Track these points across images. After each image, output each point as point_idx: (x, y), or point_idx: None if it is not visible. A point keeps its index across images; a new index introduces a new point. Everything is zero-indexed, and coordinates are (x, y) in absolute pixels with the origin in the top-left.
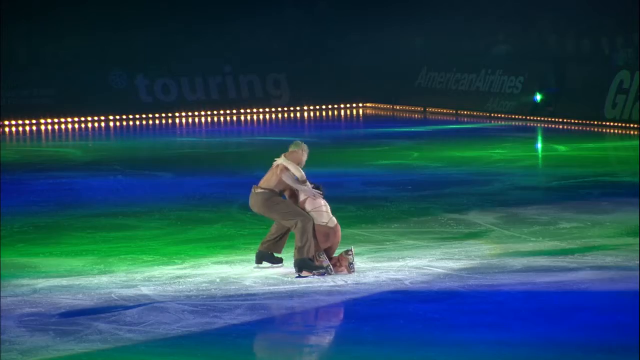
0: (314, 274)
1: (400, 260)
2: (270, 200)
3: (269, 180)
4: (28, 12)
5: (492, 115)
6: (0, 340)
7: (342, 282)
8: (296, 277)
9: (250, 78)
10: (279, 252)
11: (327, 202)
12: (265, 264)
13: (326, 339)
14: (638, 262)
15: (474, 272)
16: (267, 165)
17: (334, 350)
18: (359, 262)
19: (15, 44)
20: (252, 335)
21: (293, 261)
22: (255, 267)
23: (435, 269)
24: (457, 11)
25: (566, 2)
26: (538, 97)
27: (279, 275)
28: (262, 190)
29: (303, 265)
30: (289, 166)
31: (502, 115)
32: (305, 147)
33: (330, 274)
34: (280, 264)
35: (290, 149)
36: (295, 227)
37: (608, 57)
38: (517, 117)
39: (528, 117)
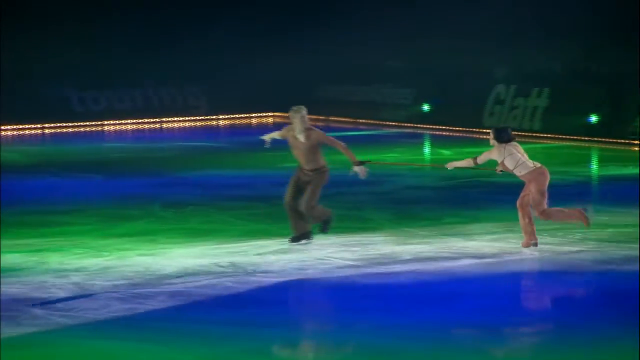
0: None
1: (303, 252)
2: None
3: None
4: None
5: (386, 123)
6: None
7: (251, 270)
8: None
9: (171, 91)
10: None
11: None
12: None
13: (236, 321)
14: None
15: (369, 262)
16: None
17: (240, 332)
18: (270, 256)
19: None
20: (173, 319)
21: None
22: None
23: (335, 259)
24: (354, 28)
25: (454, 26)
26: (426, 107)
27: (196, 265)
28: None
29: None
30: None
31: (395, 124)
32: (291, 113)
33: None
34: None
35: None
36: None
37: (488, 73)
38: (407, 125)
39: (417, 125)
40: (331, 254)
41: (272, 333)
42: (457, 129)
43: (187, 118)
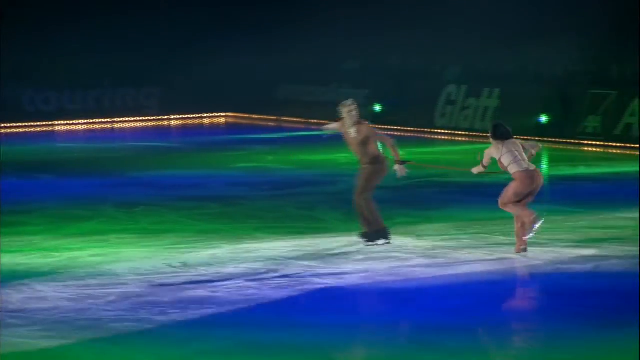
0: None
1: (255, 252)
2: None
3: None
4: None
5: None
6: None
7: (203, 270)
8: None
9: (122, 91)
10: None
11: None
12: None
13: (188, 322)
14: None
15: (322, 262)
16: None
17: (193, 333)
18: (222, 256)
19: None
20: (125, 320)
21: None
22: None
23: (288, 260)
24: (308, 28)
25: (407, 26)
26: (378, 107)
27: (148, 266)
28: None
29: None
30: None
31: None
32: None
33: None
34: None
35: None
36: None
37: (439, 73)
38: None
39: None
40: (284, 254)
41: (225, 333)
42: (409, 129)
43: (139, 118)
